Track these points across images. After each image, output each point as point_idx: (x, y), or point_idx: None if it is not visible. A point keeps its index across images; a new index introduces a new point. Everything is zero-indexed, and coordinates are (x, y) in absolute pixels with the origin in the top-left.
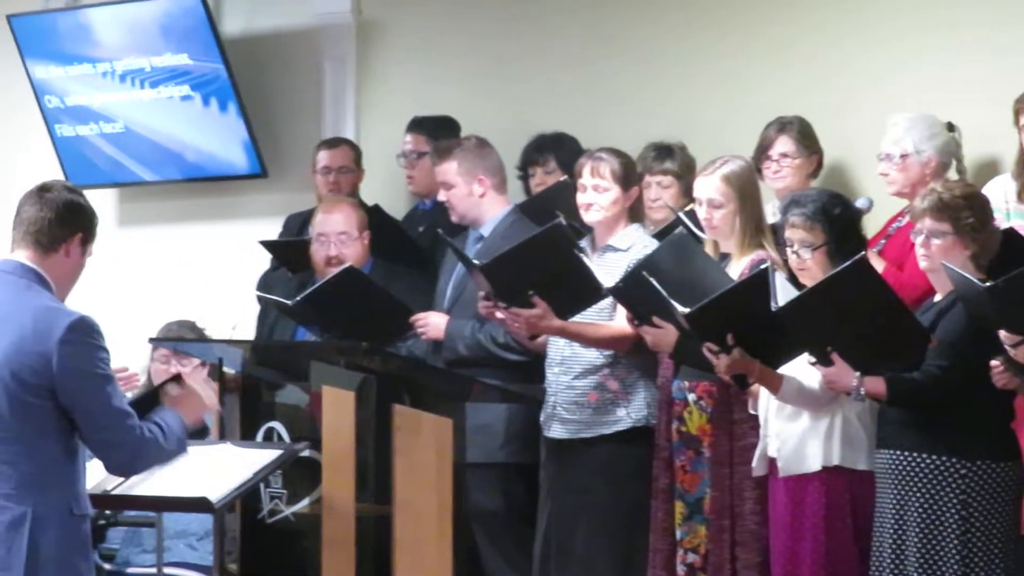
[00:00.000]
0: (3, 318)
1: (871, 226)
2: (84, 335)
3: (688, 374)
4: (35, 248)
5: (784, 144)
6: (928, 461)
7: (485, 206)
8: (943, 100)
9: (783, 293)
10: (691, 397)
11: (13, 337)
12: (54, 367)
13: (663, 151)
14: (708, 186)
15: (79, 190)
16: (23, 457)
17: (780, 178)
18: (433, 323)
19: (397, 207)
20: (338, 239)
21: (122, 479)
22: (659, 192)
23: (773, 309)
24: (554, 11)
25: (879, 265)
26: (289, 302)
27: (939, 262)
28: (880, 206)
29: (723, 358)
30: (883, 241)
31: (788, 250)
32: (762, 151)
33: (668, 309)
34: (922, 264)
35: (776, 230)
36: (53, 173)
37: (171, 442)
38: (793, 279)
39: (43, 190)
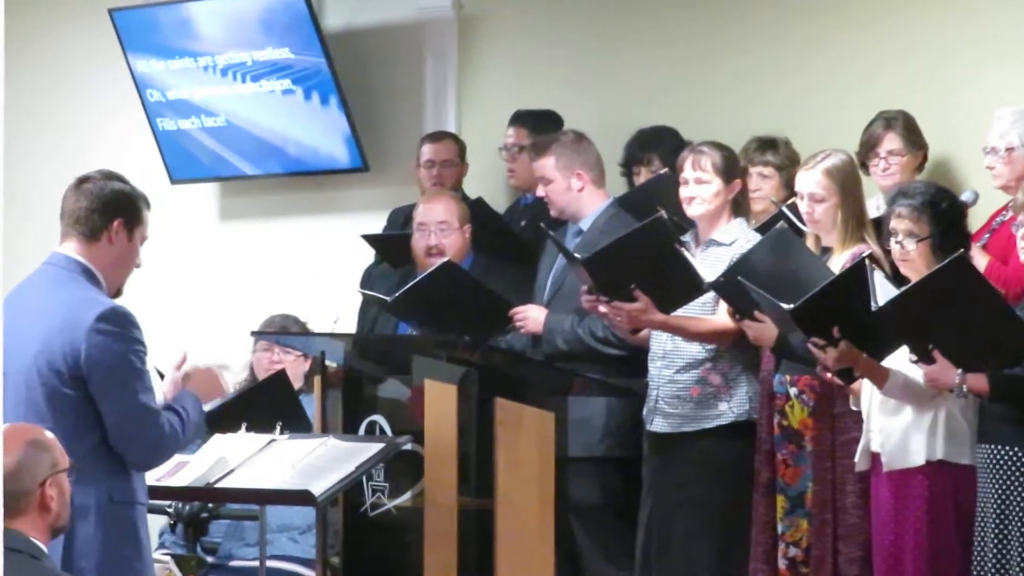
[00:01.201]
0: (39, 310)
1: (976, 220)
2: (114, 325)
3: (790, 368)
4: (79, 239)
5: (892, 141)
6: None
7: (584, 200)
8: None
9: (882, 291)
10: (793, 391)
11: (46, 328)
12: (82, 357)
13: (766, 143)
14: (810, 180)
15: (120, 176)
16: (66, 444)
17: (890, 175)
18: (532, 317)
19: (498, 201)
20: (438, 228)
21: (227, 471)
22: (759, 183)
23: (873, 307)
24: (656, 5)
25: (983, 260)
26: (388, 298)
27: None
28: (985, 200)
29: (830, 351)
30: (987, 235)
31: (892, 240)
32: (869, 148)
33: (769, 305)
34: (1023, 257)
35: (878, 224)
36: (155, 167)
37: (189, 432)
38: (894, 273)
39: (82, 181)
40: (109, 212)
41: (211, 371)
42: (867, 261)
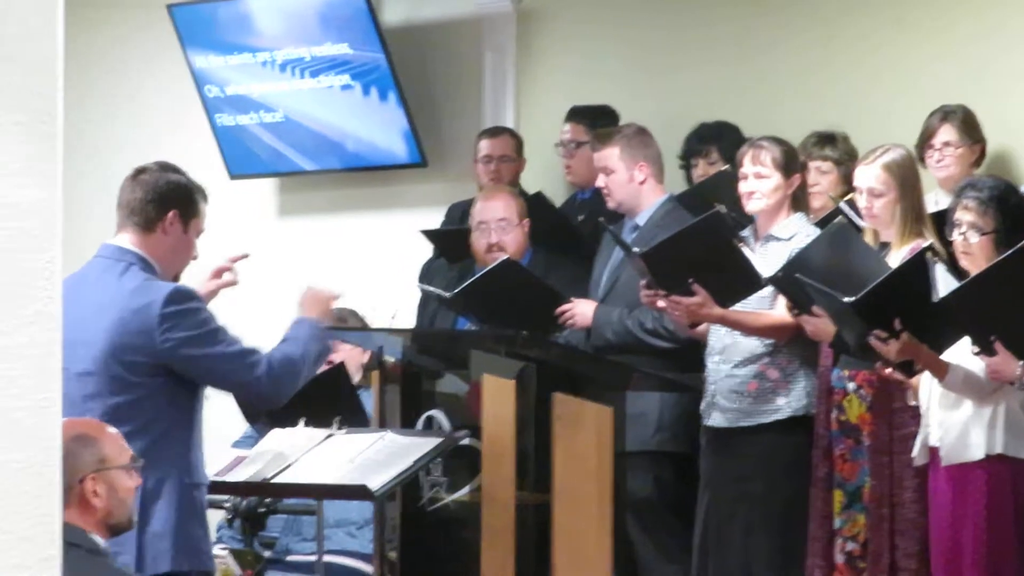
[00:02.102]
0: (103, 304)
1: None
2: (180, 303)
3: (848, 363)
4: (134, 230)
5: (947, 133)
6: None
7: (644, 194)
8: None
9: (943, 283)
10: (851, 386)
11: (114, 321)
12: (158, 342)
13: (825, 138)
14: (868, 175)
15: (177, 168)
16: (134, 436)
17: (943, 167)
18: (580, 311)
19: (555, 196)
20: (498, 226)
21: (284, 466)
22: (817, 177)
23: (935, 299)
24: (714, 2)
25: None
26: (447, 293)
27: None
28: None
29: (892, 343)
30: None
31: (956, 231)
32: (925, 140)
33: (828, 299)
34: None
35: (938, 219)
36: (214, 162)
37: (301, 347)
38: (953, 267)
39: (139, 172)
40: (164, 203)
41: (318, 291)
42: (928, 254)
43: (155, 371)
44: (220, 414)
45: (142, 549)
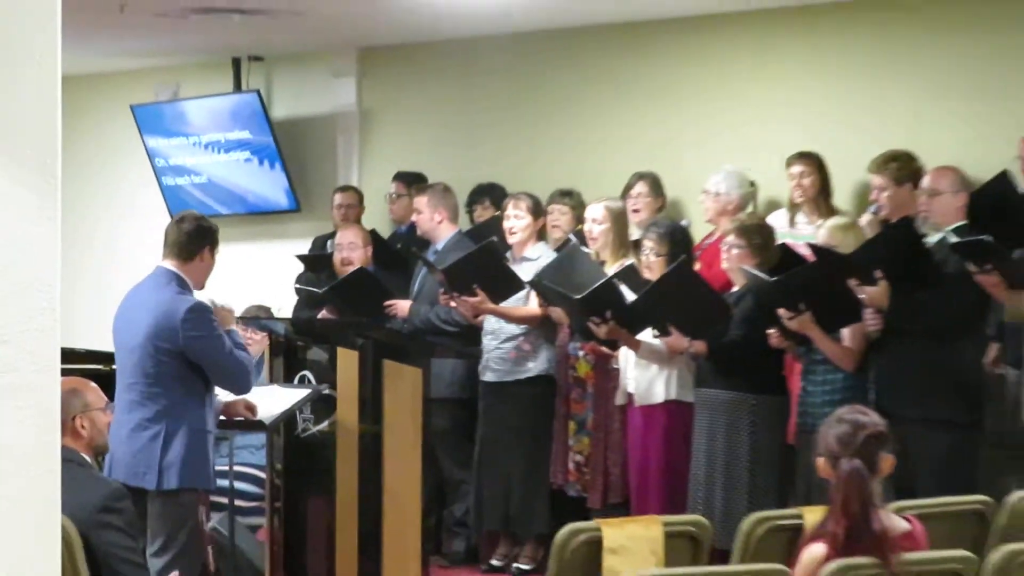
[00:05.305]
0: (148, 306)
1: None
2: (197, 314)
3: (578, 339)
4: (178, 258)
5: (640, 188)
6: (729, 395)
7: (441, 229)
8: (750, 161)
9: (628, 293)
10: (580, 353)
11: (153, 316)
12: (179, 336)
13: (563, 192)
14: (594, 210)
15: (204, 217)
16: (160, 396)
17: (638, 212)
18: (400, 306)
19: (384, 230)
20: (349, 247)
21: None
22: (558, 219)
23: (627, 302)
24: (491, 107)
25: (697, 266)
26: (318, 291)
27: (739, 265)
28: (700, 227)
29: (603, 328)
30: (697, 253)
31: (643, 254)
32: (625, 193)
33: (564, 297)
34: (726, 266)
35: (636, 244)
36: (161, 207)
37: (245, 353)
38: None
39: (180, 220)
40: (200, 241)
41: (222, 309)
42: (631, 267)
43: (176, 355)
44: None
45: (160, 472)
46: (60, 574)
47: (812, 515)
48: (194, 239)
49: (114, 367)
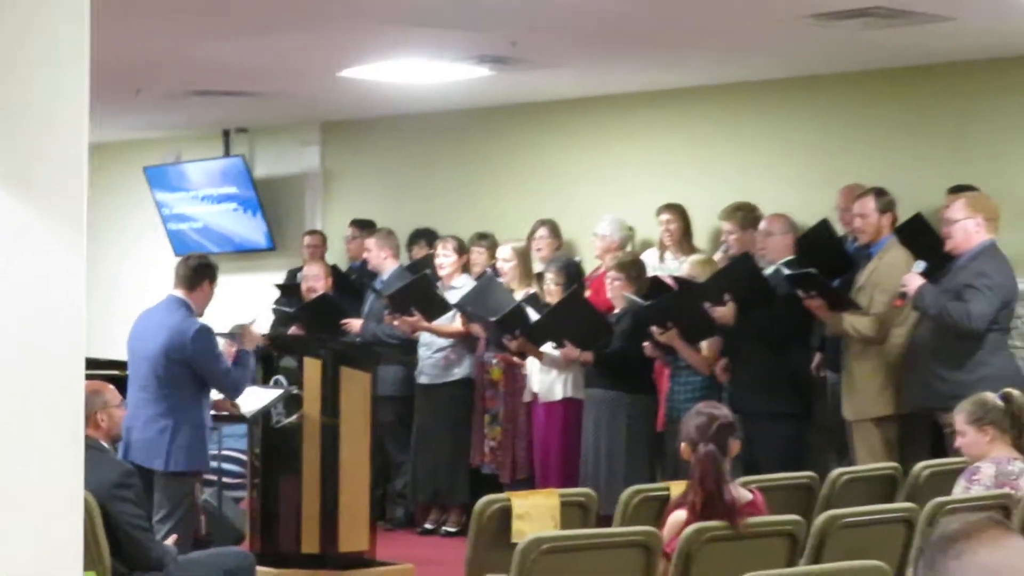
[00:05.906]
0: (161, 324)
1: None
2: (203, 335)
3: (493, 350)
4: (185, 288)
5: (542, 232)
6: (611, 394)
7: (386, 264)
8: (629, 210)
9: (533, 314)
10: (494, 362)
11: (165, 334)
12: (189, 353)
13: (481, 235)
14: (504, 251)
15: (207, 256)
16: (168, 395)
17: (540, 251)
18: (354, 324)
19: (342, 266)
20: (314, 278)
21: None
22: (477, 256)
23: (532, 322)
24: (426, 168)
25: (587, 293)
26: (291, 310)
27: (620, 293)
28: (590, 262)
29: (514, 343)
30: (588, 283)
31: (545, 284)
32: (531, 235)
33: (483, 319)
34: (610, 293)
35: (539, 276)
36: (166, 246)
37: (247, 371)
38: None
39: (187, 258)
40: (202, 275)
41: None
42: (535, 294)
43: (183, 364)
44: None
45: (167, 457)
46: (83, 535)
47: (676, 488)
48: (198, 273)
49: (127, 372)
